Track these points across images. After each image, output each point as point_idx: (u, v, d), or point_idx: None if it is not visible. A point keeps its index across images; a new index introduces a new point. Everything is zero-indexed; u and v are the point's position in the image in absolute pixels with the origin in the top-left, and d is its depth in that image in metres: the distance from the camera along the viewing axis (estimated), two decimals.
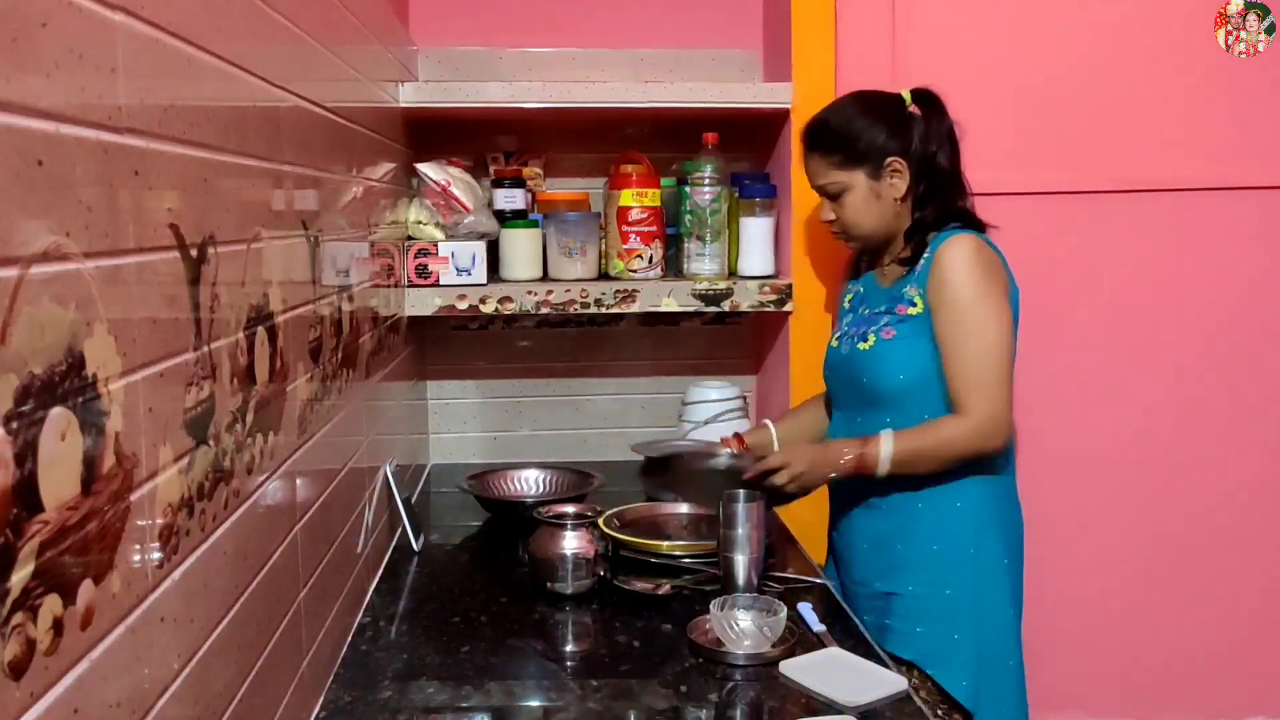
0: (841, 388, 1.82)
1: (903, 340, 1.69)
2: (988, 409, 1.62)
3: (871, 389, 1.73)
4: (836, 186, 1.73)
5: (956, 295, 1.64)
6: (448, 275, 2.12)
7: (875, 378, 1.72)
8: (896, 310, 1.71)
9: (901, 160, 1.71)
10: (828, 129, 1.73)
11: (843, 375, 1.80)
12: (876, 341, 1.71)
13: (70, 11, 0.67)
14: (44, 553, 0.62)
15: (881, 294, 1.78)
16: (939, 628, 1.67)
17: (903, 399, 1.69)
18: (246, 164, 1.03)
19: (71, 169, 0.67)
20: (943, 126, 1.74)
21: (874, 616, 1.72)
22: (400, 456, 2.01)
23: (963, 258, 1.65)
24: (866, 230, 1.75)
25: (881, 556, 1.74)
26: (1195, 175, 2.24)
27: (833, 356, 1.84)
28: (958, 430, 1.64)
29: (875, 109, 1.74)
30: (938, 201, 1.72)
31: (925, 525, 1.70)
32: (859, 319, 1.79)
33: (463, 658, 1.43)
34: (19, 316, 0.60)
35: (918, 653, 1.66)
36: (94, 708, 0.69)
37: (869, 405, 1.74)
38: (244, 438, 1.01)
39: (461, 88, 2.11)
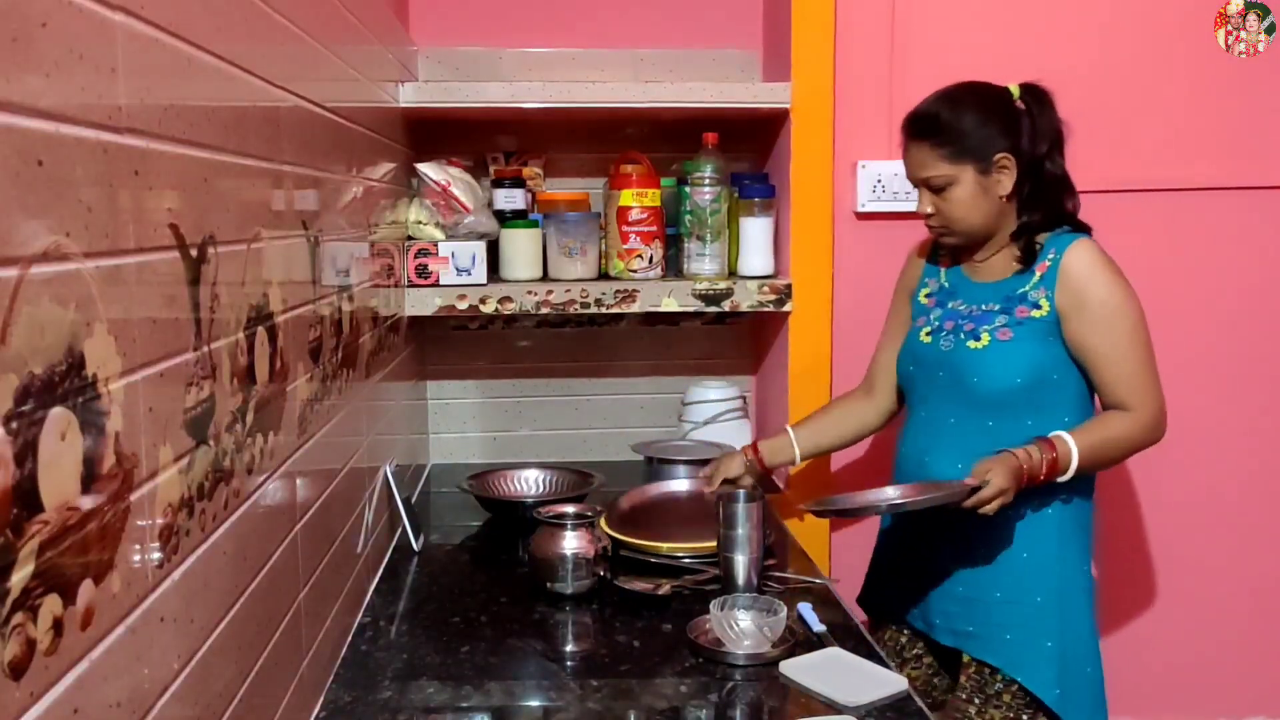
0: (933, 384, 1.75)
1: (1021, 343, 1.65)
2: (1154, 401, 1.64)
3: (979, 389, 1.68)
4: (943, 179, 1.66)
5: (1105, 300, 1.63)
6: (448, 275, 2.12)
7: (988, 378, 1.67)
8: (1015, 312, 1.67)
9: (1010, 157, 1.66)
10: (939, 120, 1.67)
11: (939, 372, 1.73)
12: (992, 342, 1.67)
13: (70, 11, 0.67)
14: (44, 553, 0.62)
15: (987, 291, 1.72)
16: (1026, 634, 1.65)
17: (1009, 402, 1.66)
18: (246, 164, 1.03)
19: (71, 169, 0.67)
20: (1051, 124, 1.69)
21: (950, 620, 1.71)
22: (400, 456, 2.01)
23: (1098, 263, 1.64)
24: (970, 226, 1.69)
25: (964, 559, 1.70)
26: (1195, 175, 2.24)
27: (925, 351, 1.76)
28: (1133, 426, 1.63)
29: (986, 102, 1.69)
30: (1047, 202, 1.68)
31: (1013, 533, 1.67)
32: (954, 314, 1.74)
33: (463, 658, 1.43)
34: (19, 316, 0.60)
35: (1005, 659, 1.65)
36: (94, 708, 0.69)
37: (969, 405, 1.69)
38: (244, 438, 1.01)
39: (461, 88, 2.11)
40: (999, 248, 1.72)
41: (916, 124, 1.70)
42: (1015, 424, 1.65)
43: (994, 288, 1.72)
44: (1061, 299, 1.64)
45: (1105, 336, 1.63)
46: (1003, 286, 1.71)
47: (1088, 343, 1.63)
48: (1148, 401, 1.63)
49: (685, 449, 2.17)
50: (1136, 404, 1.63)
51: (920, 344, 1.78)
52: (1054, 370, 1.65)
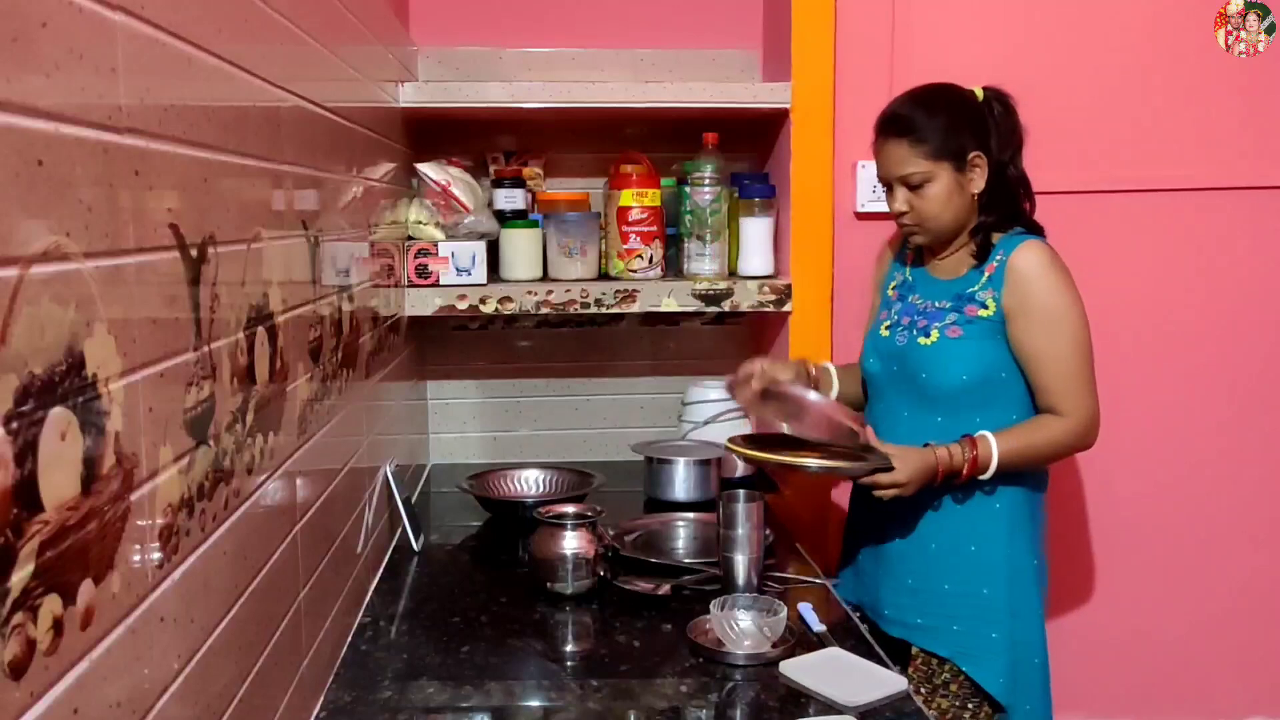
0: (891, 378, 1.79)
1: (969, 341, 1.69)
2: (1087, 408, 1.66)
3: (929, 385, 1.71)
4: (921, 176, 1.69)
5: (1046, 302, 1.65)
6: (448, 275, 2.12)
7: (936, 375, 1.71)
8: (965, 310, 1.70)
9: (983, 155, 1.70)
10: (918, 118, 1.70)
11: (894, 366, 1.78)
12: (941, 339, 1.70)
13: (70, 11, 0.67)
14: (44, 553, 0.62)
15: (942, 288, 1.76)
16: (975, 625, 1.68)
17: (958, 399, 1.69)
18: (246, 164, 1.03)
19: (71, 169, 0.67)
20: (1014, 127, 1.73)
21: (900, 613, 1.74)
22: (400, 456, 2.01)
23: (1044, 264, 1.67)
24: (942, 224, 1.72)
25: (915, 553, 1.74)
26: (1195, 175, 2.24)
27: (884, 345, 1.80)
28: (1061, 430, 1.66)
29: (957, 102, 1.72)
30: (1005, 203, 1.72)
31: (962, 525, 1.71)
32: (911, 309, 1.78)
33: (463, 658, 1.43)
34: (19, 316, 0.60)
35: (953, 649, 1.69)
36: (94, 708, 0.69)
37: (920, 401, 1.74)
38: (244, 438, 1.01)
39: (461, 88, 2.11)
40: (959, 246, 1.76)
41: (894, 123, 1.72)
42: (965, 421, 1.69)
43: (948, 285, 1.76)
44: (1007, 300, 1.67)
45: (1044, 340, 1.66)
46: (955, 285, 1.75)
47: (1027, 345, 1.66)
48: (1079, 408, 1.65)
49: (685, 449, 2.17)
50: (1069, 410, 1.65)
51: (880, 337, 1.82)
52: (1001, 369, 1.69)
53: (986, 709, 1.68)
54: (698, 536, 1.92)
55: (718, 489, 2.07)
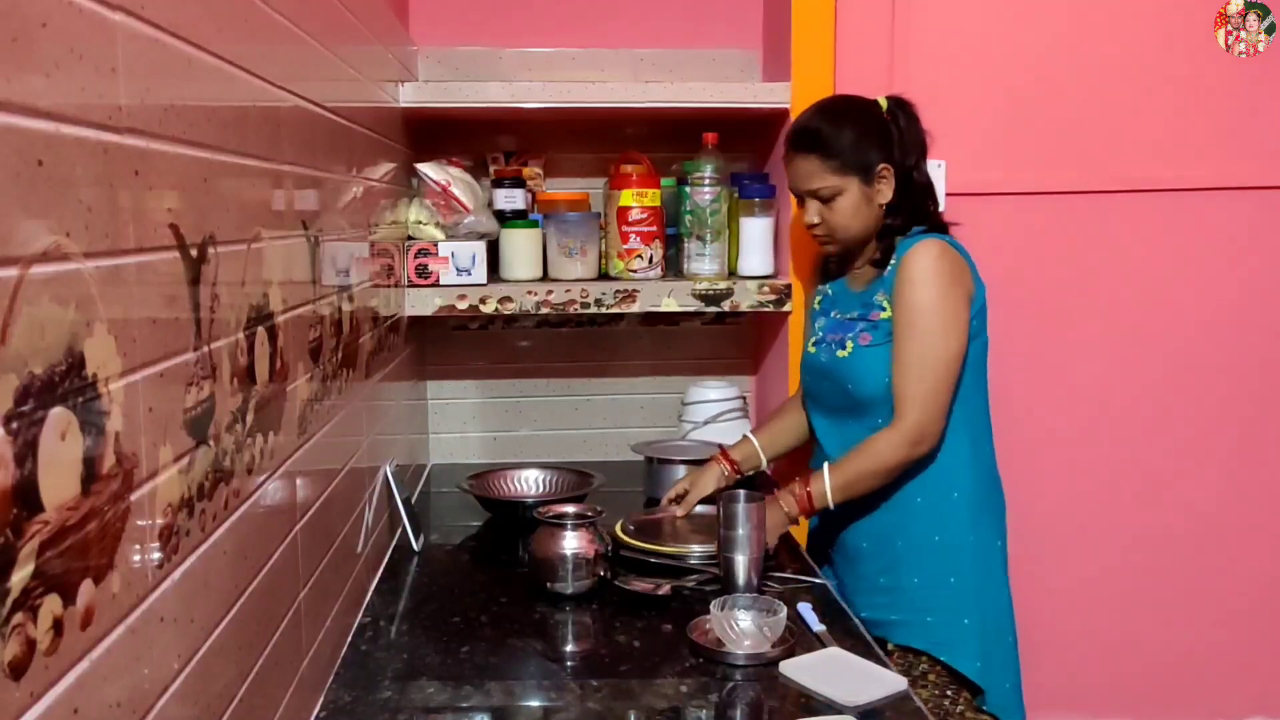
0: (824, 394, 1.84)
1: (879, 346, 1.72)
2: (916, 417, 1.66)
3: (856, 395, 1.75)
4: (830, 190, 1.73)
5: (911, 301, 1.68)
6: (448, 275, 2.12)
7: (858, 384, 1.74)
8: (870, 316, 1.74)
9: (889, 167, 1.73)
10: (822, 133, 1.73)
11: (824, 382, 1.82)
12: (855, 349, 1.74)
13: (70, 11, 0.67)
14: (44, 553, 0.62)
15: (854, 299, 1.80)
16: (947, 615, 1.71)
17: (887, 403, 1.71)
18: (246, 164, 1.03)
19: (71, 169, 0.67)
20: (918, 134, 1.77)
21: (875, 612, 1.74)
22: (400, 456, 2.01)
23: (924, 264, 1.68)
24: (853, 234, 1.76)
25: (882, 552, 1.76)
26: (1195, 175, 2.24)
27: (812, 362, 1.86)
28: (887, 444, 1.68)
29: (863, 115, 1.76)
30: (909, 208, 1.75)
31: (925, 517, 1.73)
32: (832, 324, 1.82)
33: (463, 658, 1.43)
34: (19, 316, 0.60)
35: (928, 640, 1.71)
36: (94, 708, 0.69)
37: (854, 411, 1.77)
38: (244, 438, 1.01)
39: (461, 88, 2.12)
40: (869, 256, 1.79)
41: (803, 138, 1.75)
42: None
43: (859, 295, 1.79)
44: (893, 298, 1.71)
45: (900, 336, 1.68)
46: (864, 293, 1.78)
47: (894, 341, 1.69)
48: (911, 413, 1.66)
49: (685, 449, 2.17)
50: (901, 414, 1.67)
51: (809, 356, 1.87)
52: None
53: (965, 694, 1.71)
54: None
55: None
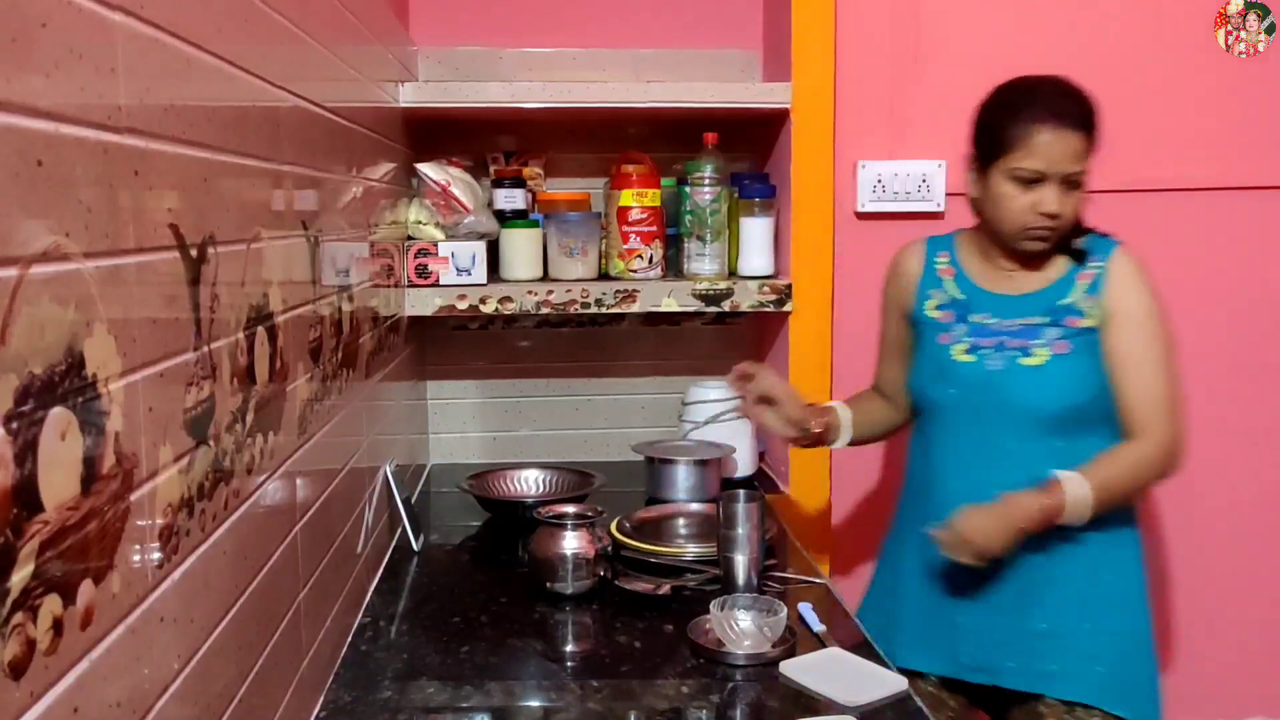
0: (981, 408, 1.61)
1: (1078, 356, 1.57)
2: (1172, 430, 1.55)
3: (1044, 410, 1.57)
4: (1081, 176, 1.55)
5: (1143, 311, 1.56)
6: (448, 275, 2.12)
7: (1049, 398, 1.57)
8: (1066, 323, 1.58)
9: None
10: (1093, 110, 1.54)
11: (988, 395, 1.61)
12: (1052, 357, 1.57)
13: (70, 11, 0.67)
14: (44, 553, 0.62)
15: (1022, 304, 1.61)
16: (1121, 664, 1.57)
17: (1071, 422, 1.57)
18: (246, 164, 1.03)
19: (71, 169, 0.67)
20: None
21: (1026, 661, 1.59)
22: (400, 456, 2.01)
23: (1140, 271, 1.57)
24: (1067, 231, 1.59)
25: (1044, 595, 1.57)
26: (1195, 175, 2.24)
27: (968, 372, 1.63)
28: (1145, 455, 1.54)
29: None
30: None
31: (1089, 556, 1.56)
32: (984, 330, 1.63)
33: (463, 658, 1.43)
34: (19, 316, 0.60)
35: (1102, 693, 1.55)
36: (94, 708, 0.69)
37: (1030, 428, 1.58)
38: (244, 438, 1.01)
39: (461, 88, 2.11)
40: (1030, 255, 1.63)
41: (1074, 111, 1.54)
42: (1081, 443, 1.57)
43: (1031, 300, 1.62)
44: (1109, 303, 1.57)
45: (1140, 349, 1.56)
46: (1043, 297, 1.61)
47: (1123, 351, 1.56)
48: (1166, 427, 1.55)
49: (685, 449, 2.17)
50: (1153, 428, 1.54)
51: (958, 364, 1.64)
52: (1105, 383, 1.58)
53: None
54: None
55: (718, 489, 2.07)
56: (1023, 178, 1.55)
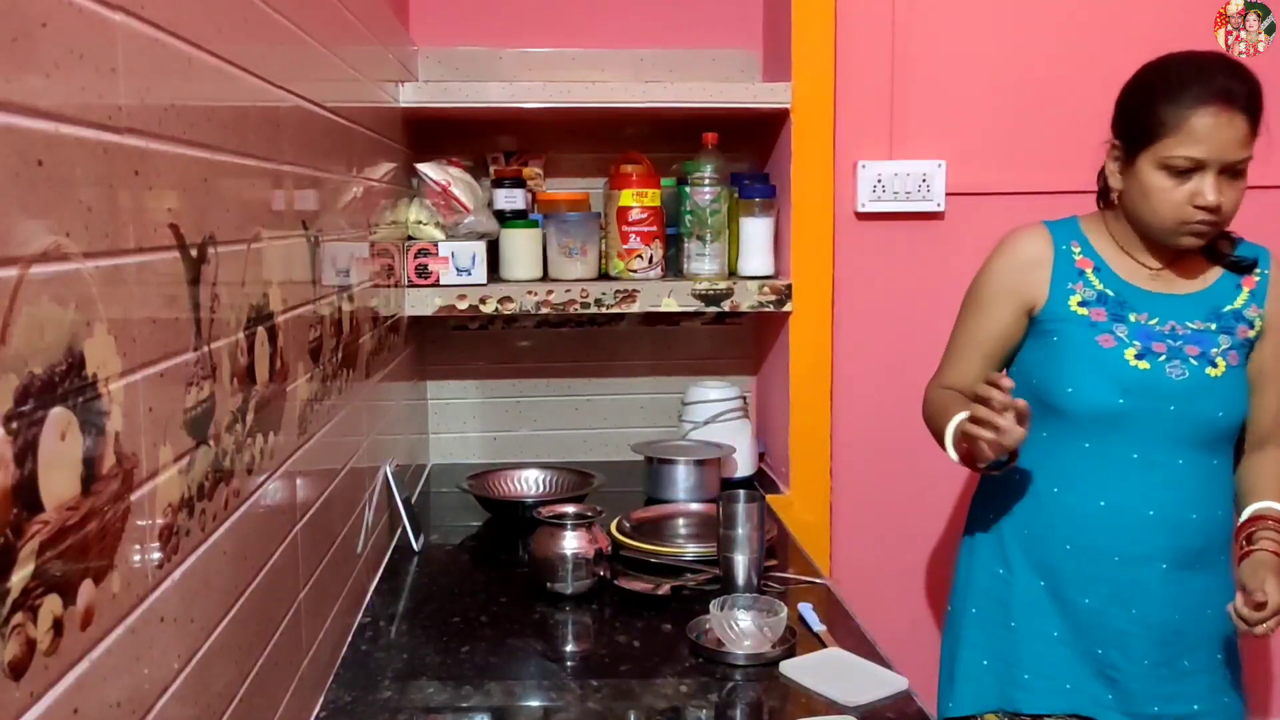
0: (1160, 420, 1.47)
1: (1243, 369, 1.49)
2: None
3: (1217, 426, 1.47)
4: (1245, 165, 1.43)
5: None
6: (448, 275, 2.12)
7: (1229, 413, 1.47)
8: (1237, 333, 1.49)
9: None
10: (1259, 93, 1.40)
11: (1169, 405, 1.47)
12: (1228, 368, 1.46)
13: (70, 11, 0.67)
14: (44, 553, 0.62)
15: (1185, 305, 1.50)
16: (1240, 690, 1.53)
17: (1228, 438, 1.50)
18: (246, 164, 1.03)
19: (71, 169, 0.67)
20: None
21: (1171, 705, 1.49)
22: (400, 456, 2.01)
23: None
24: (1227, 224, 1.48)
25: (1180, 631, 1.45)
26: None
27: (1146, 380, 1.47)
28: None
29: None
30: None
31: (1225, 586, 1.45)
32: (1151, 332, 1.49)
33: (463, 658, 1.43)
34: (19, 316, 0.60)
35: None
36: (94, 708, 0.69)
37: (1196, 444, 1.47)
38: (244, 438, 1.01)
39: (461, 88, 2.11)
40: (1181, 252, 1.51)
41: (1243, 93, 1.39)
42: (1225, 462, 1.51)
43: (1193, 302, 1.50)
44: (1273, 313, 1.49)
45: None
46: (1204, 301, 1.50)
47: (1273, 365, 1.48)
48: None
49: (685, 449, 2.17)
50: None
51: (1132, 370, 1.48)
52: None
53: None
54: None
55: (718, 489, 2.07)
56: (1178, 167, 1.41)
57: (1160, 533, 1.47)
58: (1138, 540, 1.48)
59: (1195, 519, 1.48)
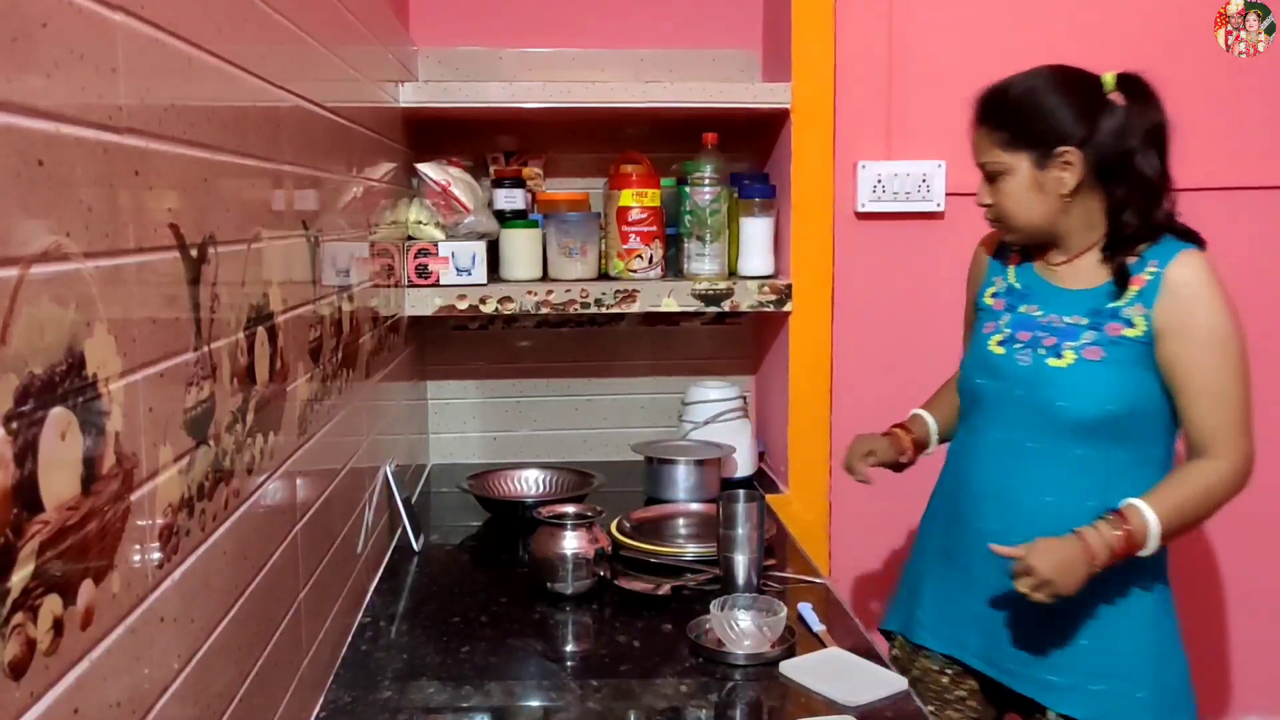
0: (1008, 402, 1.58)
1: (1113, 365, 1.50)
2: (1243, 449, 1.47)
3: (1066, 415, 1.51)
4: (996, 167, 1.54)
5: (1213, 323, 1.47)
6: (448, 275, 2.12)
7: (1075, 403, 1.50)
8: (1106, 329, 1.51)
9: (1076, 152, 1.49)
10: (1003, 102, 1.54)
11: (1015, 390, 1.57)
12: (1078, 361, 1.51)
13: (70, 11, 0.67)
14: (44, 553, 0.62)
15: (1070, 300, 1.57)
16: (1121, 684, 1.52)
17: (1100, 431, 1.51)
18: (246, 164, 1.03)
19: (71, 169, 0.67)
20: (1148, 121, 1.53)
21: (1032, 670, 1.56)
22: (400, 456, 2.01)
23: (1207, 281, 1.48)
24: (1024, 223, 1.55)
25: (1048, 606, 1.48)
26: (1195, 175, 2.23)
27: (999, 364, 1.59)
28: (1218, 477, 1.47)
29: (1066, 88, 1.53)
30: (1139, 208, 1.52)
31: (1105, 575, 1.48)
32: (1028, 321, 1.59)
33: (463, 658, 1.43)
34: (19, 316, 0.60)
35: (1095, 711, 1.52)
36: (94, 708, 0.69)
37: (1053, 431, 1.53)
38: (244, 438, 1.01)
39: (461, 88, 2.11)
40: (1082, 250, 1.57)
41: (981, 103, 1.58)
42: (1106, 455, 1.51)
43: (1079, 297, 1.56)
44: (1161, 317, 1.48)
45: (1206, 366, 1.47)
46: (1090, 297, 1.55)
47: (1184, 369, 1.47)
48: (1236, 445, 1.47)
49: (685, 449, 2.17)
50: (1224, 450, 1.47)
51: (991, 355, 1.61)
52: (1150, 398, 1.51)
53: None
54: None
55: (718, 489, 2.07)
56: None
57: (1012, 513, 1.57)
58: (988, 516, 1.60)
59: (1050, 502, 1.53)
